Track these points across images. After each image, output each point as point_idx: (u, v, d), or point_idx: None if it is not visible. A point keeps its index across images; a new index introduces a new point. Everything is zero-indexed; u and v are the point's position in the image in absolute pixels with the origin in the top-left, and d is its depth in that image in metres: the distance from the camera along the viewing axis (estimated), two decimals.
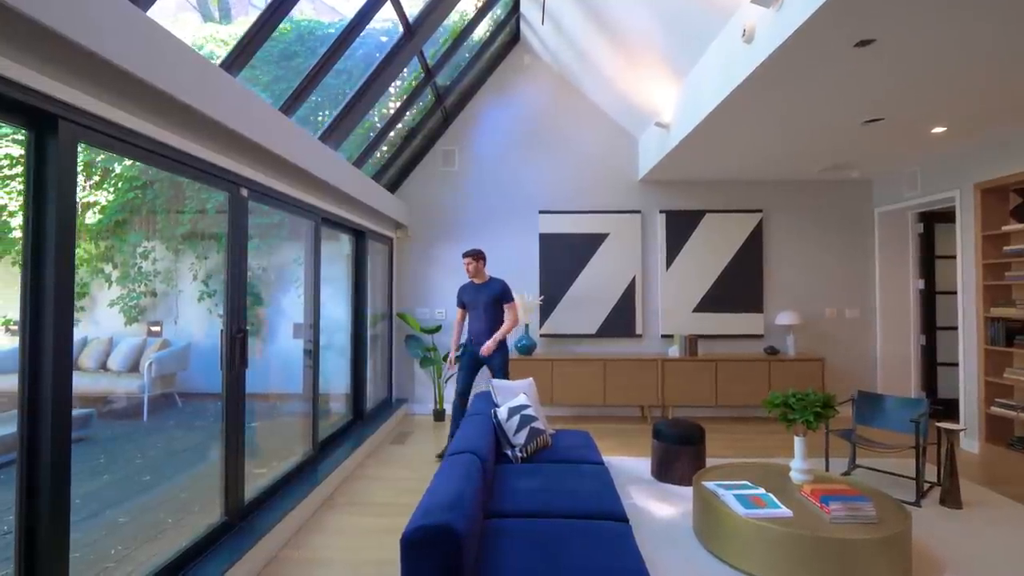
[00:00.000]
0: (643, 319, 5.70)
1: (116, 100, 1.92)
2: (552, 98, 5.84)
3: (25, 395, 1.70)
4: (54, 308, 1.72)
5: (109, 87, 1.83)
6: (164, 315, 6.47)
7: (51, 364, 1.71)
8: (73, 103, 1.77)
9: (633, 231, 5.71)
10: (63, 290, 1.76)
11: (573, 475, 2.97)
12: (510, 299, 4.30)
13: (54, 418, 1.72)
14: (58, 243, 1.74)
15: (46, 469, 1.70)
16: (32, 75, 1.62)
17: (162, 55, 1.91)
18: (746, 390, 5.27)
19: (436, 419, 5.48)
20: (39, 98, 1.66)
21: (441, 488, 2.09)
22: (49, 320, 1.72)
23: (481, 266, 4.34)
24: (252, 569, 2.53)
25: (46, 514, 1.70)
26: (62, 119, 1.74)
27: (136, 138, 2.07)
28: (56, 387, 1.72)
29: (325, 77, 3.63)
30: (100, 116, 1.88)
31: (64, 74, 1.70)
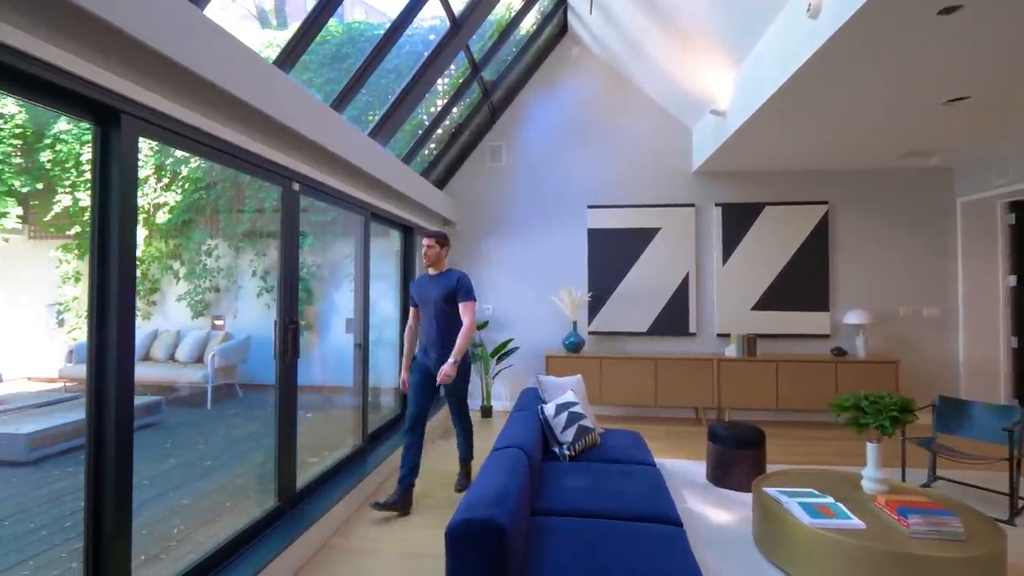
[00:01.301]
0: (697, 317, 5.48)
1: (174, 95, 1.98)
2: (601, 90, 5.71)
3: (93, 384, 1.77)
4: (117, 299, 1.79)
5: (168, 83, 1.89)
6: (226, 309, 6.78)
7: (115, 353, 1.77)
8: (134, 98, 1.83)
9: (686, 225, 5.50)
10: (126, 281, 1.82)
11: (623, 475, 2.86)
12: (468, 297, 3.30)
13: (118, 405, 1.78)
14: (120, 235, 1.79)
15: (111, 452, 1.77)
16: (98, 71, 1.69)
17: (218, 52, 1.95)
18: (810, 393, 4.96)
19: (484, 415, 5.47)
20: (104, 93, 1.72)
21: (486, 483, 2.04)
22: (113, 311, 1.78)
23: (443, 254, 3.42)
24: (303, 555, 2.57)
25: (111, 494, 1.76)
26: (124, 114, 1.81)
27: (193, 132, 2.13)
28: (120, 376, 1.79)
29: (373, 76, 3.66)
30: (160, 111, 1.94)
31: (126, 70, 1.76)
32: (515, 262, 5.78)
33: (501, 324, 5.74)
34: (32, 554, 2.54)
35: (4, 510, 3.04)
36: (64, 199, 6.63)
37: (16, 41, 1.44)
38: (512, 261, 5.79)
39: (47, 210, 6.78)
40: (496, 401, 5.71)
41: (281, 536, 2.52)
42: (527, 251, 5.76)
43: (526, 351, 5.67)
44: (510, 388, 5.73)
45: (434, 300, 3.32)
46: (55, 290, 7.12)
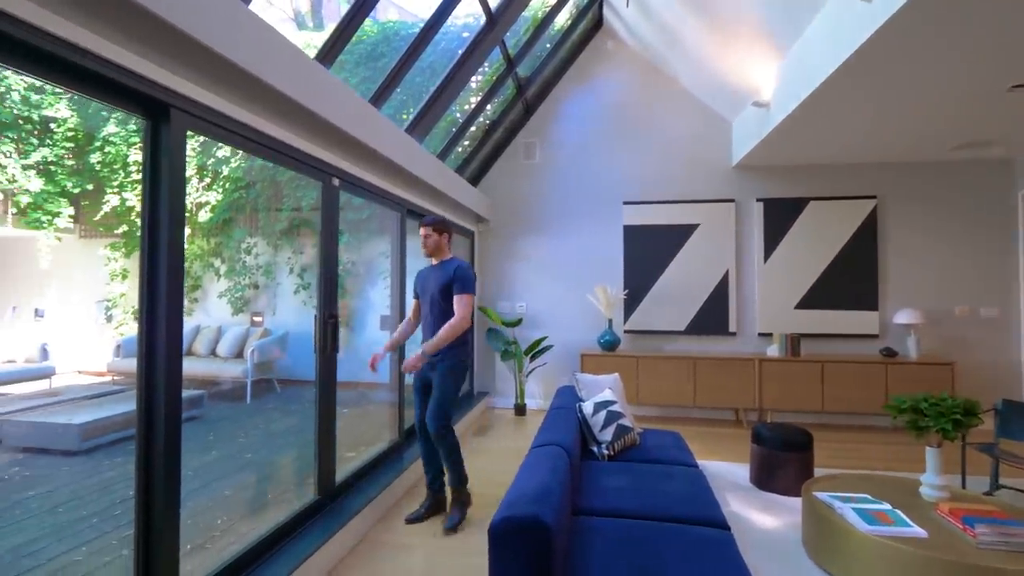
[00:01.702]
0: (738, 316, 5.32)
1: (221, 90, 2.01)
2: (637, 84, 5.60)
3: (143, 378, 1.80)
4: (167, 290, 1.81)
5: (215, 77, 1.91)
6: (265, 306, 6.92)
7: (164, 348, 1.80)
8: (183, 92, 1.86)
9: (726, 221, 5.35)
10: (174, 273, 1.84)
11: (665, 476, 2.78)
12: (463, 289, 2.90)
13: (167, 399, 1.81)
14: (169, 229, 1.81)
15: (160, 444, 1.79)
16: (149, 66, 1.72)
17: (263, 47, 1.97)
18: (858, 395, 4.76)
19: (518, 413, 5.43)
20: (155, 88, 1.75)
21: (527, 480, 2.01)
22: (162, 305, 1.80)
23: (444, 242, 3.05)
24: (342, 548, 2.58)
25: (160, 484, 1.79)
26: (173, 108, 1.83)
27: (239, 127, 2.16)
28: (168, 370, 1.81)
29: (407, 74, 3.67)
30: (207, 105, 1.97)
31: (175, 65, 1.78)
32: (549, 260, 5.73)
33: (535, 322, 5.69)
34: (85, 540, 2.62)
35: (59, 497, 3.15)
36: (112, 199, 6.88)
37: (75, 36, 1.47)
38: (546, 259, 5.74)
39: (96, 210, 7.05)
40: (530, 399, 5.67)
41: (321, 529, 2.53)
42: (561, 248, 5.70)
43: (560, 349, 5.61)
44: (544, 386, 5.68)
45: (431, 293, 2.98)
46: (103, 287, 7.40)
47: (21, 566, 2.35)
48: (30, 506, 3.01)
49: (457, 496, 3.01)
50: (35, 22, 1.37)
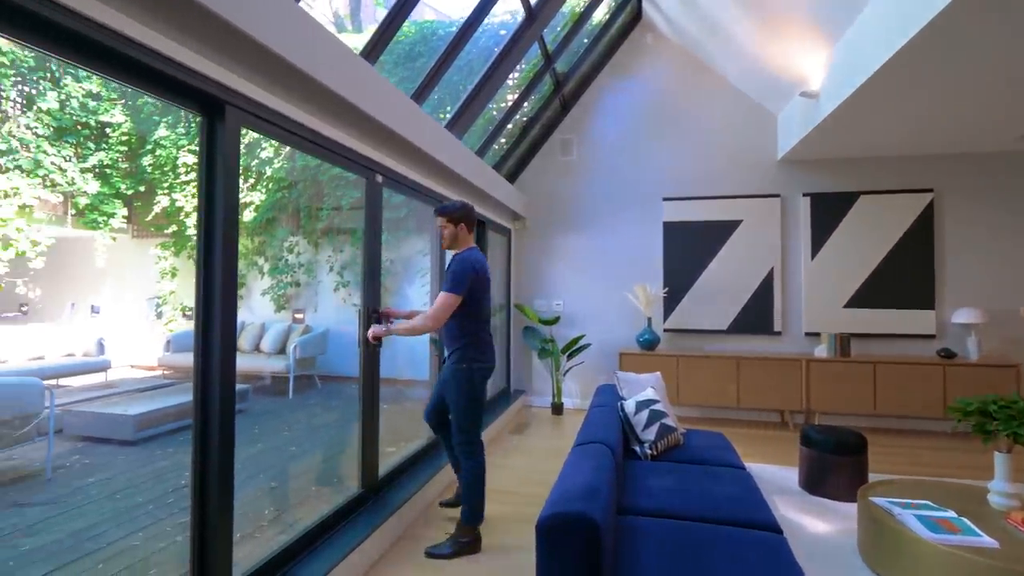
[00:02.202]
0: (783, 315, 5.15)
1: (272, 87, 2.04)
2: (677, 78, 5.49)
3: (200, 370, 1.84)
4: (221, 285, 1.85)
5: (267, 74, 1.94)
6: (306, 303, 7.08)
7: (219, 343, 1.84)
8: (238, 89, 1.90)
9: (771, 217, 5.18)
10: (228, 268, 1.87)
11: (711, 478, 2.70)
12: (446, 286, 2.57)
13: (221, 390, 1.85)
14: (224, 224, 1.85)
15: (215, 435, 1.84)
16: (206, 63, 1.76)
17: (313, 45, 1.99)
18: (913, 398, 4.54)
19: (555, 412, 5.39)
20: (212, 85, 1.79)
21: (573, 477, 1.97)
22: (217, 299, 1.84)
23: (461, 231, 2.72)
24: (385, 541, 2.60)
25: (215, 473, 1.83)
26: (229, 104, 1.87)
27: (289, 123, 2.19)
28: (223, 363, 1.85)
29: (447, 72, 3.68)
30: (259, 102, 2.01)
31: (231, 62, 1.82)
32: (586, 257, 5.67)
33: (572, 320, 5.64)
34: (141, 526, 2.71)
35: (116, 484, 3.28)
36: (163, 200, 7.16)
37: (137, 33, 1.51)
38: (583, 256, 5.68)
39: (148, 211, 7.35)
40: (567, 398, 5.62)
41: (365, 523, 2.56)
42: (599, 246, 5.63)
43: (597, 348, 5.54)
44: (581, 386, 5.63)
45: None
46: (154, 285, 7.71)
47: (84, 549, 2.45)
48: (90, 492, 3.15)
49: (463, 533, 2.60)
50: (101, 19, 1.41)
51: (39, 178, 6.29)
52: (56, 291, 8.19)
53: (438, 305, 2.53)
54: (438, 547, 2.58)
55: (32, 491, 3.15)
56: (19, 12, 1.27)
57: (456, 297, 2.54)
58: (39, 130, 6.42)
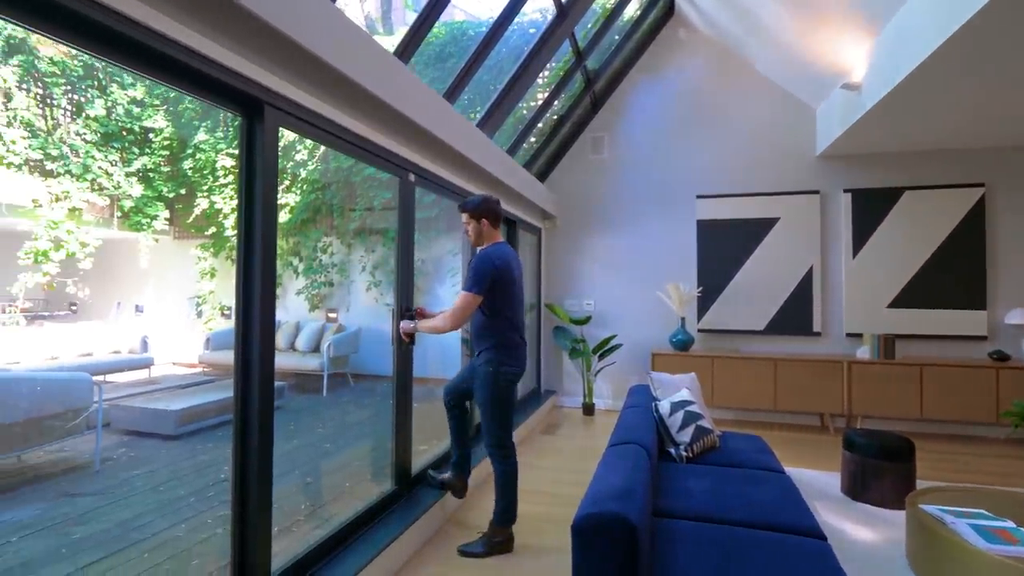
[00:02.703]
0: (823, 315, 4.98)
1: (309, 87, 2.07)
2: (712, 73, 5.37)
3: (240, 368, 1.88)
4: (260, 284, 1.88)
5: (304, 75, 1.97)
6: (339, 303, 7.20)
7: (258, 341, 1.88)
8: (276, 90, 1.93)
9: (810, 214, 5.02)
10: (268, 266, 1.90)
11: (750, 481, 2.63)
12: (466, 285, 2.54)
13: (261, 387, 1.88)
14: (263, 224, 1.88)
15: (255, 431, 1.87)
16: (247, 64, 1.79)
17: (349, 44, 2.01)
18: (963, 402, 4.33)
19: (586, 413, 5.34)
20: (251, 85, 1.82)
21: (608, 477, 1.94)
22: (257, 298, 1.88)
23: (484, 227, 2.65)
24: (419, 539, 2.61)
25: (254, 468, 1.87)
26: (268, 105, 1.91)
27: (325, 123, 2.22)
28: (263, 361, 1.89)
29: (477, 72, 3.68)
30: (295, 101, 2.03)
31: (269, 63, 1.85)
32: (618, 256, 5.60)
33: (603, 320, 5.58)
34: (184, 518, 2.79)
35: (160, 477, 3.39)
36: (202, 202, 7.38)
37: (178, 34, 1.54)
38: (615, 255, 5.61)
39: (189, 213, 7.59)
40: (598, 399, 5.56)
41: (399, 519, 2.57)
42: (631, 245, 5.56)
43: (629, 348, 5.47)
44: (613, 386, 5.56)
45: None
46: (194, 284, 7.96)
47: (131, 539, 2.54)
48: (135, 484, 3.26)
49: (496, 532, 2.58)
50: (144, 21, 1.45)
51: (87, 182, 6.56)
52: (103, 291, 8.54)
53: (456, 305, 2.49)
54: (471, 546, 2.58)
55: (82, 482, 3.28)
56: (70, 15, 1.31)
57: (475, 296, 2.47)
58: (87, 136, 6.70)
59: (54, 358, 6.12)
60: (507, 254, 2.64)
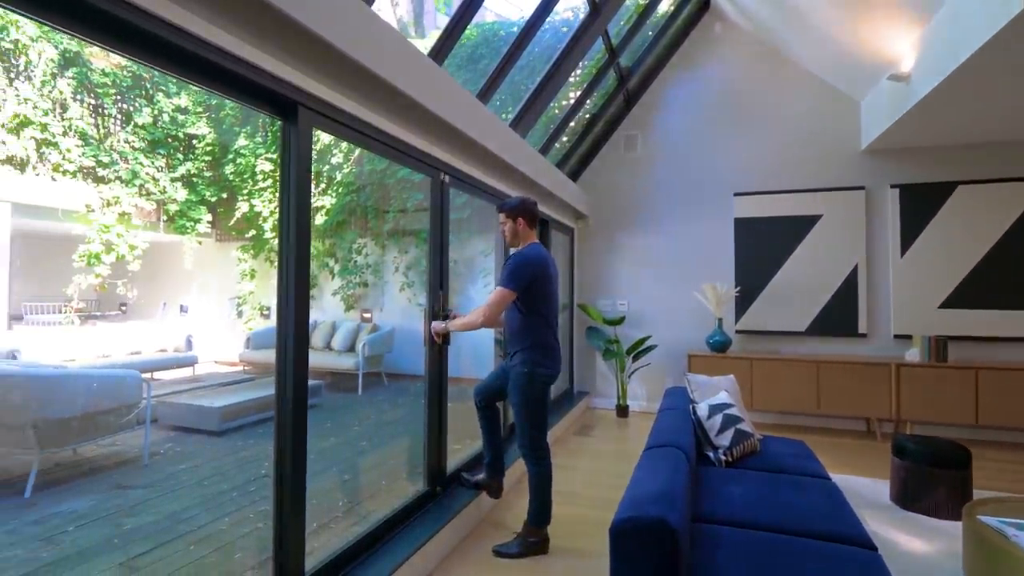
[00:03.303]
0: (868, 316, 4.79)
1: (341, 88, 2.09)
2: (749, 67, 5.23)
3: (282, 366, 1.92)
4: (295, 284, 1.92)
5: (337, 76, 1.99)
6: (373, 303, 7.31)
7: (292, 340, 1.91)
8: (310, 91, 1.94)
9: (854, 211, 4.84)
10: (302, 266, 1.94)
11: (793, 487, 2.54)
12: (501, 281, 2.54)
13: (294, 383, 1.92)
14: (297, 223, 1.91)
15: (288, 427, 1.91)
16: (282, 66, 1.83)
17: (383, 46, 2.03)
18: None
19: (619, 415, 5.28)
20: (285, 86, 1.85)
21: (647, 480, 1.91)
22: (291, 300, 1.91)
23: (519, 227, 2.66)
24: (454, 537, 2.62)
25: (288, 464, 1.90)
26: (301, 106, 1.92)
27: (359, 124, 2.24)
28: (296, 361, 1.92)
29: (510, 72, 3.68)
30: (331, 103, 2.05)
31: (303, 64, 1.88)
32: (652, 256, 5.51)
33: (637, 320, 5.50)
34: (227, 512, 2.88)
35: (204, 471, 3.50)
36: (243, 206, 7.61)
37: (214, 37, 1.58)
38: (649, 255, 5.52)
39: (230, 216, 7.83)
40: (632, 401, 5.49)
41: (433, 519, 2.58)
42: (665, 244, 5.46)
43: (664, 350, 5.37)
44: (647, 388, 5.47)
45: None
46: (235, 285, 8.21)
47: (178, 531, 2.63)
48: (181, 478, 3.38)
49: (531, 533, 2.57)
50: (181, 24, 1.48)
51: (136, 188, 6.85)
52: (150, 292, 8.89)
53: (491, 299, 2.50)
54: (506, 546, 2.57)
55: (132, 475, 3.42)
56: (112, 20, 1.35)
57: (510, 292, 2.49)
58: (135, 143, 6.99)
59: (105, 356, 6.40)
60: (545, 254, 2.66)
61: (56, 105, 6.16)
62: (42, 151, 5.97)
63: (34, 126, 5.86)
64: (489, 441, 2.90)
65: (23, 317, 7.58)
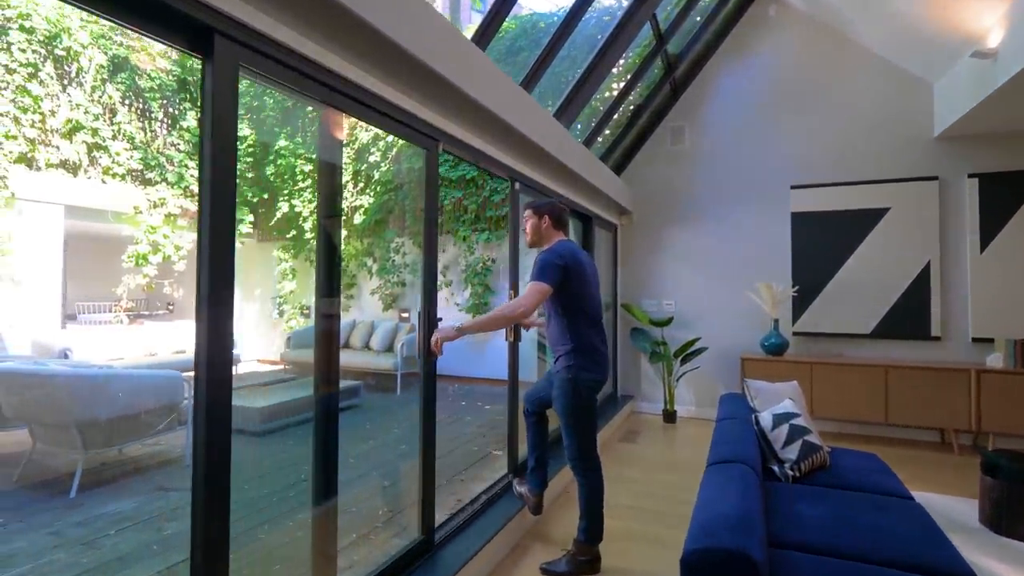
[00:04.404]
0: (942, 317, 4.40)
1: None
2: (806, 51, 4.90)
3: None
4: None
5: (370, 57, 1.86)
6: (411, 303, 7.25)
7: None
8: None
9: (926, 203, 4.45)
10: (222, 247, 1.42)
11: (875, 508, 2.28)
12: (533, 275, 2.32)
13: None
14: (216, 193, 1.40)
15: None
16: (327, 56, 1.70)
17: (415, 19, 1.88)
18: None
19: (666, 420, 5.03)
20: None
21: (717, 501, 1.71)
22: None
23: (544, 227, 2.49)
24: (499, 552, 2.47)
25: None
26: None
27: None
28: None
29: (551, 64, 3.51)
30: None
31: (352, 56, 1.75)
32: (700, 253, 5.23)
33: (684, 321, 5.23)
34: (266, 519, 2.80)
35: (244, 474, 3.45)
36: (283, 206, 7.67)
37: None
38: (697, 252, 5.25)
39: (271, 216, 7.91)
40: (680, 406, 5.22)
41: (477, 532, 2.44)
42: (715, 241, 5.17)
43: (715, 352, 5.08)
44: (695, 392, 5.20)
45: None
46: (276, 285, 8.30)
47: None
48: None
49: (581, 551, 2.38)
50: None
51: (181, 189, 6.98)
52: (195, 291, 9.09)
53: (532, 293, 2.23)
54: (554, 564, 2.40)
55: (174, 476, 3.40)
56: None
57: (544, 286, 2.24)
58: (180, 146, 7.13)
59: (152, 354, 6.55)
60: (576, 249, 2.46)
61: (106, 110, 6.33)
62: (93, 155, 6.13)
63: (85, 131, 6.03)
64: (533, 449, 2.74)
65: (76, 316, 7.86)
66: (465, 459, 3.71)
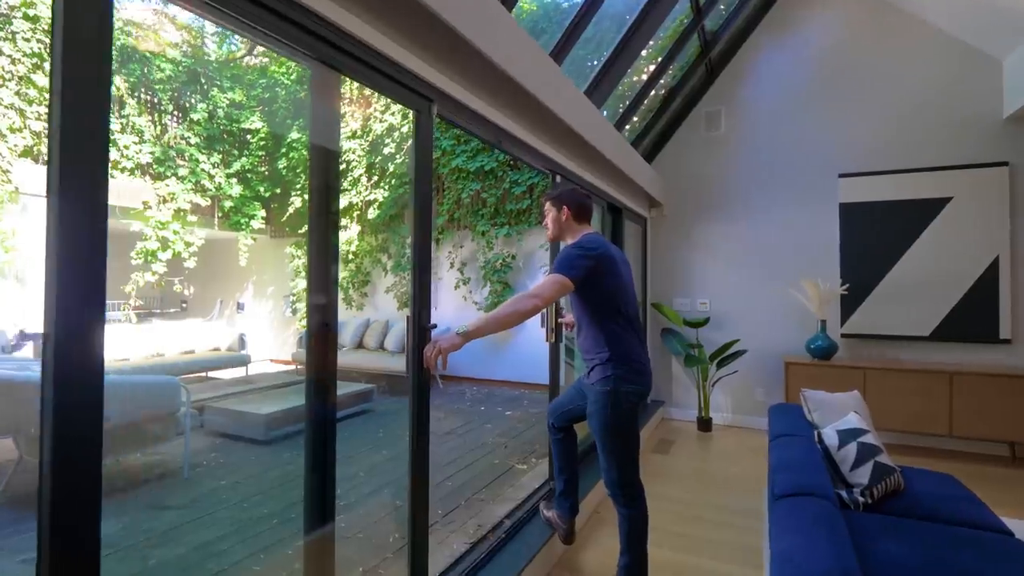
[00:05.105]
0: (1013, 318, 3.97)
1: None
2: (857, 27, 4.48)
3: None
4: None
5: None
6: None
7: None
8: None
9: (994, 192, 4.02)
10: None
11: (970, 546, 1.93)
12: (554, 266, 1.99)
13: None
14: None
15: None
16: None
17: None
18: None
19: (701, 428, 4.66)
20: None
21: (803, 550, 1.40)
22: None
23: (564, 219, 2.18)
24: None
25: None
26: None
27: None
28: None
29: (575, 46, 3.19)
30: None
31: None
32: (738, 248, 4.84)
33: (720, 322, 4.85)
34: (264, 545, 2.53)
35: (246, 490, 3.19)
36: (296, 201, 7.43)
37: None
38: (734, 247, 4.86)
39: (283, 212, 7.69)
40: (716, 413, 4.84)
41: (505, 563, 2.13)
42: (753, 235, 4.78)
43: (755, 355, 4.70)
44: (732, 399, 4.83)
45: None
46: (289, 283, 8.08)
47: (206, 569, 2.29)
48: (220, 496, 3.09)
49: None
50: None
51: (192, 184, 6.78)
52: (207, 289, 8.94)
53: (550, 284, 1.89)
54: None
55: (170, 491, 3.15)
56: None
57: (564, 279, 1.90)
58: (191, 139, 6.93)
59: (159, 355, 6.35)
60: (604, 240, 2.13)
61: (113, 102, 6.13)
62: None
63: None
64: (561, 469, 2.39)
65: None
66: (485, 475, 3.39)
